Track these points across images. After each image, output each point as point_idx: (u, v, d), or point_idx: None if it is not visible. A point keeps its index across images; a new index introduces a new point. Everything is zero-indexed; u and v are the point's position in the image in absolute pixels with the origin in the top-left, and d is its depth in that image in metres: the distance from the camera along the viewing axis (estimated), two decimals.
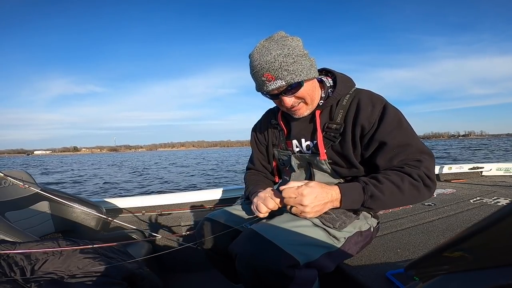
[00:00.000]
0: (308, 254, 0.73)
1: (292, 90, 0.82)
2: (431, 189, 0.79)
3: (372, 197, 0.75)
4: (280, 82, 0.79)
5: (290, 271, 0.68)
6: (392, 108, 0.84)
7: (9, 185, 1.37)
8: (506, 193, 1.83)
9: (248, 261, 0.71)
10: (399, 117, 0.83)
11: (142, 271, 0.98)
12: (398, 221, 1.32)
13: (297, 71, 0.79)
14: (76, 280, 0.84)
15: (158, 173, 15.21)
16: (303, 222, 0.79)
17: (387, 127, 0.81)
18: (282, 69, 0.77)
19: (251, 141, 1.16)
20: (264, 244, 0.71)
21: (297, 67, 0.79)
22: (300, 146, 0.96)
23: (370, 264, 0.90)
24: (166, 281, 1.29)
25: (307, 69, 0.81)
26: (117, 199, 1.95)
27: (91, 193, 8.38)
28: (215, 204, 2.00)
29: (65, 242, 0.97)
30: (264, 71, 0.78)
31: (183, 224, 1.71)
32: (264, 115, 1.13)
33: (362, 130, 0.83)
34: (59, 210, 1.52)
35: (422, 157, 0.78)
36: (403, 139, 0.80)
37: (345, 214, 0.84)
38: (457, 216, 1.35)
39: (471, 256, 0.28)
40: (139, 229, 1.57)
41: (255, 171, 1.16)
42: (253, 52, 0.81)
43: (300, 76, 0.79)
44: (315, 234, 0.77)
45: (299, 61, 0.79)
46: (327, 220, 0.80)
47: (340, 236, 0.81)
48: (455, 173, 2.63)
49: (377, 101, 0.85)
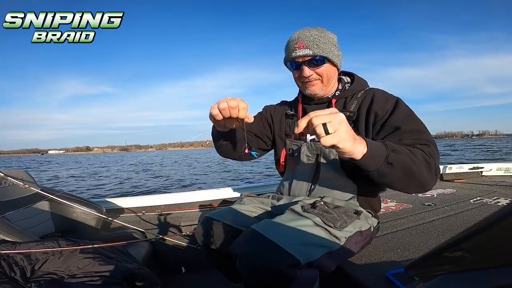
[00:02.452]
0: (309, 253, 0.73)
1: (315, 63, 0.92)
2: (436, 176, 0.78)
3: (395, 152, 0.72)
4: (307, 51, 0.90)
5: (291, 271, 0.68)
6: (403, 102, 0.91)
7: (9, 185, 1.37)
8: (506, 193, 1.83)
9: (249, 261, 0.70)
10: (409, 108, 0.89)
11: (142, 271, 0.98)
12: (398, 221, 1.32)
13: (325, 49, 0.91)
14: (76, 280, 0.84)
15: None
16: (304, 222, 0.79)
17: (400, 115, 0.85)
18: (314, 43, 0.90)
19: (258, 114, 1.18)
20: (264, 243, 0.71)
21: (327, 46, 0.91)
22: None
23: (370, 264, 0.90)
24: (166, 281, 1.29)
25: (335, 54, 0.93)
26: (118, 199, 1.95)
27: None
28: (216, 204, 2.00)
29: (65, 242, 0.97)
30: (299, 40, 0.92)
31: (183, 224, 1.71)
32: (279, 103, 1.18)
33: (375, 118, 0.89)
34: (59, 210, 1.52)
35: (431, 145, 0.80)
36: (415, 126, 0.83)
37: (346, 213, 0.84)
38: (457, 216, 1.35)
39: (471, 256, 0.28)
40: (139, 229, 1.57)
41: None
42: (299, 30, 0.95)
43: (327, 53, 0.91)
44: (316, 234, 0.77)
45: (331, 45, 0.92)
46: (328, 219, 0.80)
47: (341, 235, 0.81)
48: (455, 173, 2.63)
49: (391, 96, 0.93)
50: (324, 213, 0.81)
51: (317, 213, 0.81)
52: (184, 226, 1.69)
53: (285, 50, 0.98)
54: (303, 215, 0.81)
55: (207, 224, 0.97)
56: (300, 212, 0.82)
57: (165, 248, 1.60)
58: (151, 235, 1.51)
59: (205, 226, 0.97)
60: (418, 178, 0.75)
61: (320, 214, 0.81)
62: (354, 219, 0.85)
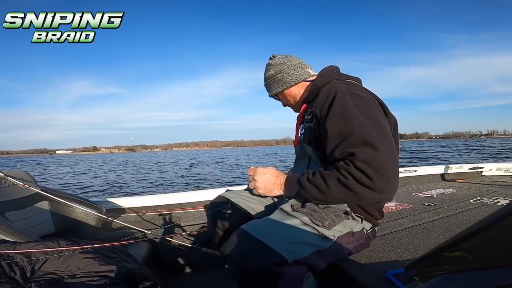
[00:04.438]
0: (297, 252, 0.75)
1: (276, 98, 1.14)
2: (376, 186, 0.68)
3: (303, 188, 0.80)
4: (268, 93, 1.13)
5: (278, 268, 0.70)
6: (342, 95, 0.80)
7: (9, 185, 1.37)
8: (506, 193, 1.83)
9: (238, 261, 0.73)
10: (345, 103, 0.78)
11: (142, 271, 0.98)
12: (398, 221, 1.32)
13: (271, 89, 1.10)
14: (76, 280, 0.84)
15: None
16: (292, 221, 0.79)
17: (332, 115, 0.78)
18: (266, 87, 1.13)
19: None
20: (252, 243, 0.73)
21: (271, 85, 1.09)
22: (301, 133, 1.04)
23: (370, 264, 0.90)
24: (166, 281, 1.29)
25: (281, 84, 1.06)
26: (118, 199, 1.95)
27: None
28: None
29: (65, 242, 0.97)
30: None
31: (183, 224, 1.71)
32: None
33: (317, 119, 0.85)
34: (59, 210, 1.52)
35: (360, 149, 0.70)
36: (343, 127, 0.74)
37: (335, 213, 0.83)
38: (457, 216, 1.35)
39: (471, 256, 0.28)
40: (139, 229, 1.57)
41: None
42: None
43: (273, 91, 1.09)
44: (304, 233, 0.78)
45: (274, 80, 1.07)
46: (316, 218, 0.80)
47: (329, 234, 0.81)
48: (455, 173, 2.63)
49: (332, 90, 0.83)
50: (313, 212, 0.81)
51: (306, 212, 0.81)
52: (184, 226, 1.69)
53: None
54: (292, 214, 0.82)
55: (218, 203, 1.08)
56: (289, 212, 0.83)
57: (165, 248, 1.60)
58: (151, 235, 1.51)
59: (216, 205, 1.09)
60: (333, 202, 0.81)
61: (309, 213, 0.81)
62: (343, 218, 0.83)
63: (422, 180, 2.55)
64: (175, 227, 1.73)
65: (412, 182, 2.48)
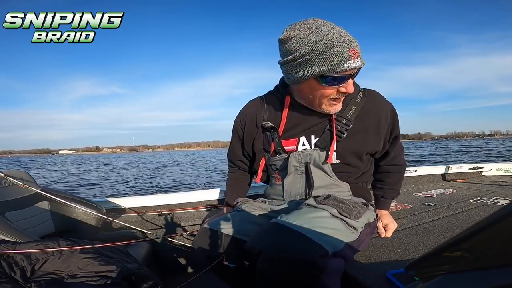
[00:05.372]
0: (334, 243, 0.72)
1: (355, 76, 0.78)
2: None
3: (393, 198, 1.12)
4: (360, 62, 0.74)
5: (322, 261, 0.66)
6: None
7: (9, 185, 1.37)
8: (506, 193, 1.83)
9: (278, 254, 0.67)
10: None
11: (142, 271, 0.98)
12: (398, 221, 1.32)
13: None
14: (76, 280, 0.84)
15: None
16: (321, 213, 0.77)
17: (397, 124, 0.98)
18: (359, 49, 0.74)
19: (234, 132, 1.07)
20: (292, 235, 0.68)
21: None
22: (309, 143, 0.93)
23: (370, 264, 0.90)
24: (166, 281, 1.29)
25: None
26: (118, 199, 1.95)
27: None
28: (216, 203, 2.00)
29: (65, 242, 0.97)
30: (351, 45, 0.72)
31: (183, 224, 1.71)
32: (249, 110, 1.03)
33: (383, 128, 0.93)
34: (59, 210, 1.52)
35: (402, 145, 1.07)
36: (399, 133, 1.00)
37: (359, 204, 0.85)
38: (457, 216, 1.35)
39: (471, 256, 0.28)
40: (140, 229, 1.57)
41: (237, 168, 1.15)
42: (319, 27, 0.73)
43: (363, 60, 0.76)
44: (336, 225, 0.76)
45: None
46: (344, 210, 0.79)
47: (357, 226, 0.81)
48: (455, 173, 2.63)
49: (386, 101, 0.97)
50: (340, 203, 0.80)
51: (333, 204, 0.79)
52: (185, 226, 1.69)
53: (315, 57, 0.73)
54: (319, 207, 0.79)
55: (205, 235, 0.91)
56: (315, 205, 0.80)
57: (166, 248, 1.60)
58: (151, 235, 1.51)
59: (203, 238, 0.91)
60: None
61: (336, 205, 0.79)
62: (365, 210, 0.87)
63: (422, 180, 2.55)
64: (176, 227, 1.73)
65: (412, 182, 2.48)
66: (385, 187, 1.08)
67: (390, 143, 0.99)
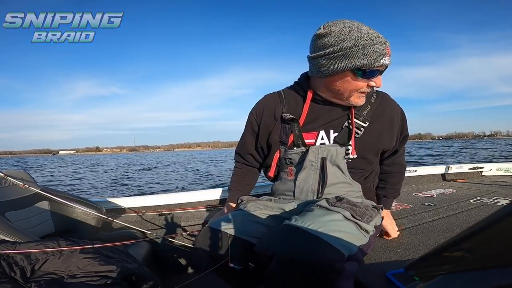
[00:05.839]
0: (349, 247, 0.71)
1: (377, 73, 0.84)
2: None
3: (395, 198, 1.15)
4: (389, 60, 0.82)
5: (340, 265, 0.65)
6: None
7: (9, 185, 1.37)
8: (506, 193, 1.83)
9: (295, 258, 0.65)
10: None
11: (142, 271, 0.98)
12: (398, 221, 1.32)
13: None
14: (76, 280, 0.84)
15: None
16: (334, 216, 0.76)
17: (407, 125, 1.05)
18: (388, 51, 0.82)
19: (248, 125, 1.07)
20: (308, 239, 0.68)
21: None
22: (328, 138, 0.93)
23: (370, 264, 0.90)
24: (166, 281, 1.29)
25: None
26: (118, 199, 1.95)
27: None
28: (216, 203, 2.00)
29: (65, 242, 0.97)
30: (387, 44, 0.80)
31: (183, 224, 1.71)
32: (267, 102, 1.03)
33: (395, 128, 1.00)
34: (59, 210, 1.52)
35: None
36: (407, 134, 1.07)
37: (371, 208, 0.86)
38: (457, 216, 1.35)
39: (471, 256, 0.28)
40: (140, 229, 1.57)
41: (244, 163, 1.14)
42: (358, 26, 0.80)
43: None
44: (349, 228, 0.76)
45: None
46: (358, 213, 0.79)
47: (369, 229, 0.81)
48: (455, 173, 2.63)
49: (397, 103, 1.03)
50: (353, 206, 0.80)
51: (346, 207, 0.79)
52: (185, 226, 1.69)
53: (356, 52, 0.79)
54: (332, 210, 0.78)
55: (208, 235, 0.88)
56: (328, 207, 0.79)
57: (166, 248, 1.60)
58: (151, 235, 1.51)
59: (208, 237, 0.88)
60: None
61: (349, 208, 0.79)
62: (376, 213, 0.88)
63: (422, 180, 2.55)
64: (176, 227, 1.73)
65: (412, 182, 2.48)
66: (387, 186, 1.11)
67: (400, 142, 1.06)
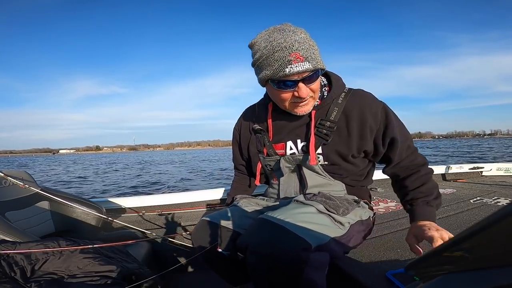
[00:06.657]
0: (318, 237, 0.73)
1: (312, 79, 0.78)
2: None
3: (436, 206, 0.90)
4: (307, 65, 0.74)
5: (305, 254, 0.68)
6: (389, 107, 0.92)
7: (9, 185, 1.37)
8: (506, 193, 1.83)
9: (262, 249, 0.69)
10: (395, 113, 0.92)
11: (142, 271, 0.99)
12: (398, 221, 1.32)
13: (320, 58, 0.77)
14: (76, 280, 0.84)
15: None
16: (308, 209, 0.78)
17: (393, 125, 0.88)
18: (311, 51, 0.74)
19: (233, 139, 1.13)
20: (276, 229, 0.70)
21: (319, 54, 0.78)
22: (296, 147, 0.95)
23: (370, 264, 0.90)
24: (166, 281, 1.29)
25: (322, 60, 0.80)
26: (118, 199, 1.95)
27: None
28: (216, 203, 2.00)
29: (65, 242, 0.97)
30: (293, 50, 0.73)
31: (183, 224, 1.71)
32: (244, 117, 1.08)
33: (370, 131, 0.88)
34: (59, 210, 1.52)
35: (416, 149, 0.94)
36: (404, 135, 0.91)
37: (347, 201, 0.85)
38: (457, 216, 1.35)
39: (471, 256, 0.28)
40: (140, 229, 1.57)
41: (240, 172, 1.19)
42: (271, 33, 0.77)
43: (321, 64, 0.77)
44: (321, 220, 0.77)
45: (318, 50, 0.78)
46: (331, 206, 0.80)
47: (344, 221, 0.81)
48: (455, 173, 2.63)
49: (376, 101, 0.91)
50: (327, 200, 0.81)
51: (320, 200, 0.81)
52: (185, 226, 1.69)
53: (268, 59, 0.76)
54: (307, 203, 0.80)
55: (203, 228, 0.93)
56: (304, 201, 0.81)
57: (166, 248, 1.60)
58: (151, 235, 1.51)
59: (202, 230, 0.93)
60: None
61: (323, 201, 0.80)
62: (354, 206, 0.87)
63: None
64: (176, 227, 1.73)
65: None
66: (408, 191, 0.92)
67: (388, 147, 0.90)
